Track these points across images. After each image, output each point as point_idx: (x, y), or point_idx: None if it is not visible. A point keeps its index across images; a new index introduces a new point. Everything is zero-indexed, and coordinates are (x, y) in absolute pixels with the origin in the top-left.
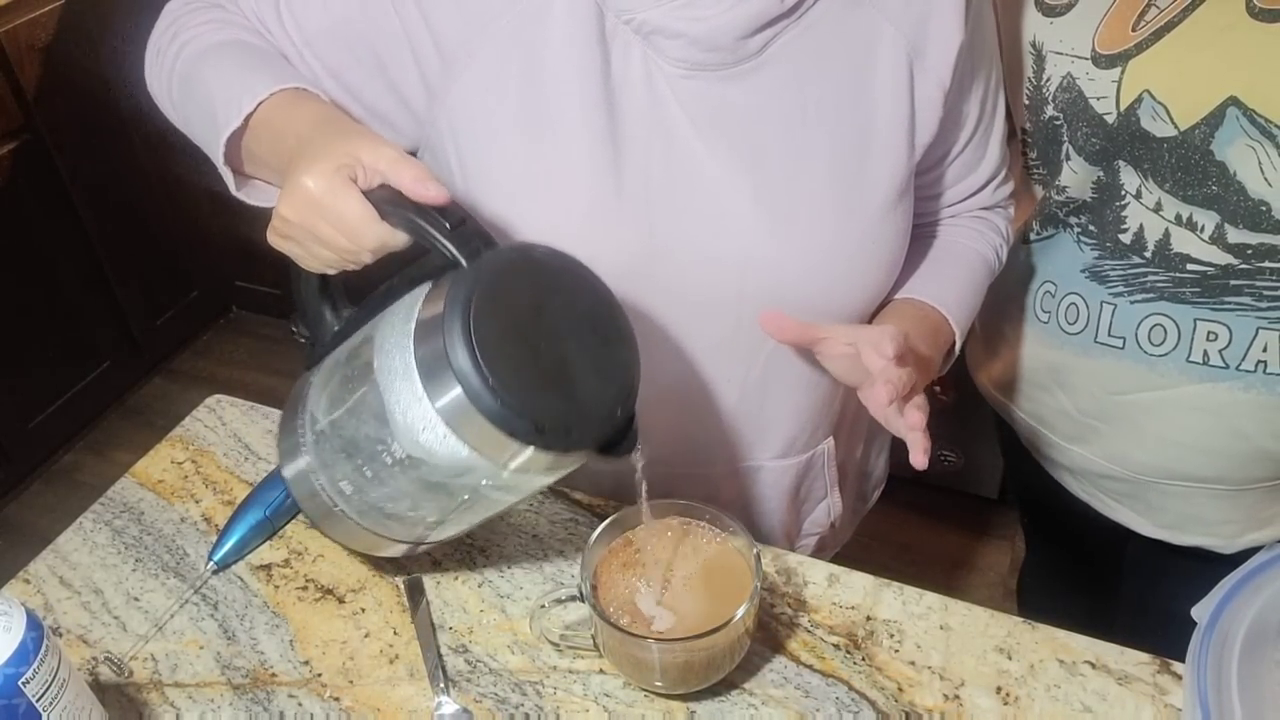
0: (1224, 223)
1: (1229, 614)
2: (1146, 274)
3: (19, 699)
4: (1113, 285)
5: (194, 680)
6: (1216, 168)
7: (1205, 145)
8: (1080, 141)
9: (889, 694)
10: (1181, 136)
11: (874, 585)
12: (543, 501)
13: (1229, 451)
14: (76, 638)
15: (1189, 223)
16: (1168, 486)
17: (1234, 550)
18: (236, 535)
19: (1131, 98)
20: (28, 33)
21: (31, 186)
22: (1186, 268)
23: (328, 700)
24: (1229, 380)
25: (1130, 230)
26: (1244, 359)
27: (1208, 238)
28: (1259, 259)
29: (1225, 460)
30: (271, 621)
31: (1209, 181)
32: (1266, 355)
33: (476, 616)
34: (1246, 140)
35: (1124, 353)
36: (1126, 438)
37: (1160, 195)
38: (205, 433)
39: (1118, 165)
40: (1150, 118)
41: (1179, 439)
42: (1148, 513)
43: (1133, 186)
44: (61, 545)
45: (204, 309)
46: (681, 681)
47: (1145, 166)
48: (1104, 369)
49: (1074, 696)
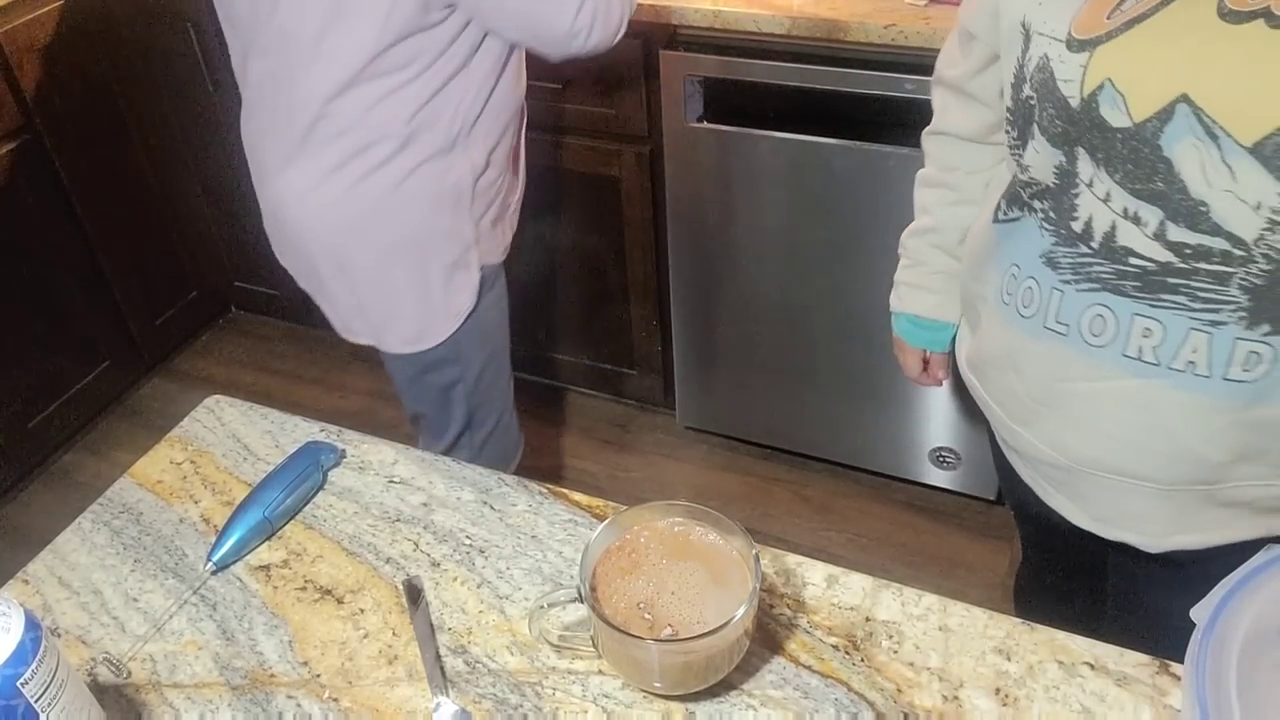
0: (1166, 220)
1: (1228, 615)
2: (1092, 264)
3: (17, 700)
4: (1063, 272)
5: (192, 681)
6: (1164, 164)
7: (1155, 140)
8: (1045, 123)
9: (888, 695)
10: (1135, 129)
11: (873, 586)
12: (542, 502)
13: (1156, 449)
14: (75, 638)
15: (1134, 217)
16: (1100, 478)
17: (1159, 550)
18: (235, 536)
19: (1094, 85)
20: (27, 33)
21: (31, 187)
22: (1129, 261)
23: (326, 701)
24: (1160, 378)
25: (1081, 219)
26: (1175, 358)
27: (1150, 234)
28: (1196, 259)
29: (1152, 457)
30: (270, 622)
31: (1155, 177)
32: (1195, 357)
33: (475, 617)
34: (1193, 139)
35: (1068, 340)
36: (1065, 425)
37: (1110, 186)
38: (204, 433)
39: (1077, 152)
40: (1109, 106)
41: (1111, 431)
42: (1080, 502)
43: (1087, 175)
44: (60, 546)
45: (203, 309)
46: (680, 683)
47: (1099, 156)
48: (1050, 355)
49: (1073, 698)
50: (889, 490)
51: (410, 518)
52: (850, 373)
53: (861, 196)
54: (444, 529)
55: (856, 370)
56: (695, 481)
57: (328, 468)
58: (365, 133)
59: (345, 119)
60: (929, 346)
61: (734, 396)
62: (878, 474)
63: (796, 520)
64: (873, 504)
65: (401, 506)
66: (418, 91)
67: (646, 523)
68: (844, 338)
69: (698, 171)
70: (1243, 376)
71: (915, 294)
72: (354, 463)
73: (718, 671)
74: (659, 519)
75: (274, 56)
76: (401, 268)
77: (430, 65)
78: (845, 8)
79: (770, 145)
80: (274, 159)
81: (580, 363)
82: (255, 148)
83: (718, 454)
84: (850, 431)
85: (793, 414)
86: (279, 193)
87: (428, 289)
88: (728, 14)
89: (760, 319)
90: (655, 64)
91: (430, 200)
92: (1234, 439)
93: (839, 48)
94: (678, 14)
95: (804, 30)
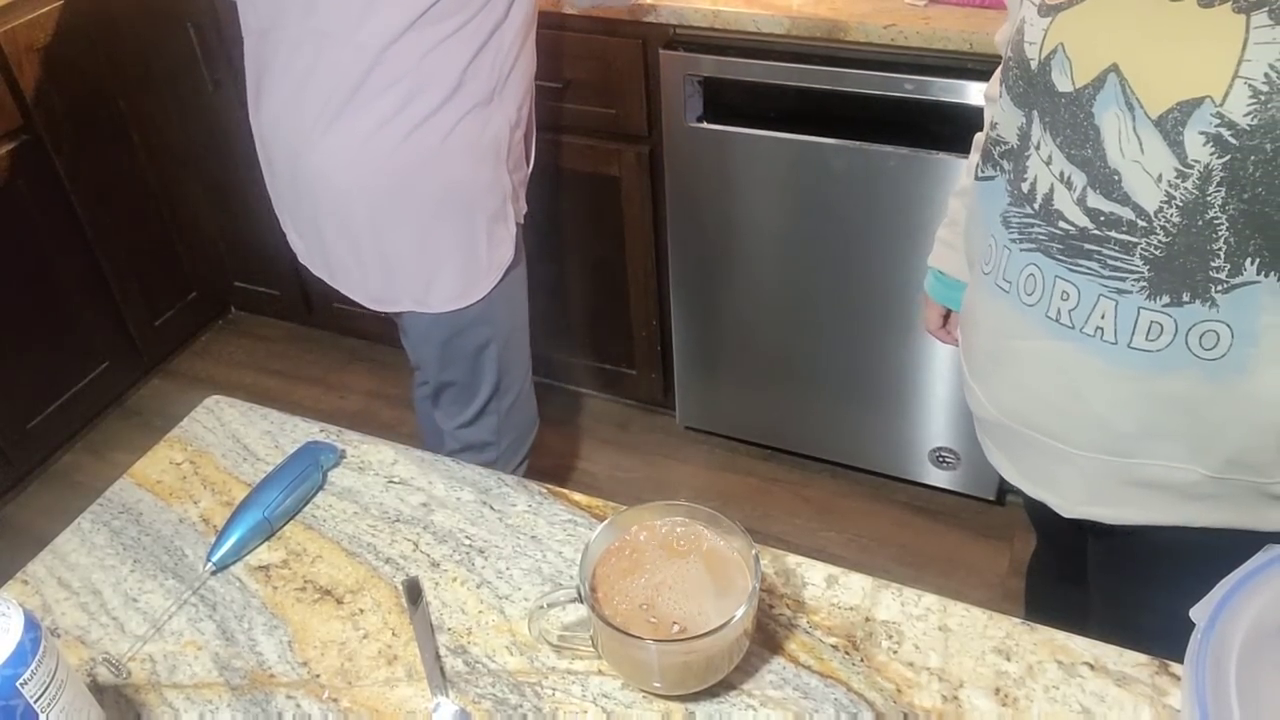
0: (1088, 186)
1: (1228, 615)
2: (1032, 225)
3: (17, 700)
4: (1012, 231)
5: (192, 681)
6: (1094, 131)
7: (1089, 106)
8: (1011, 82)
9: (887, 695)
10: (1075, 94)
11: (873, 586)
12: (541, 502)
13: (1069, 411)
14: (74, 638)
15: (1067, 181)
16: (1027, 435)
17: (1071, 516)
18: (235, 536)
19: (1050, 49)
20: (26, 34)
21: (30, 187)
22: (1059, 224)
23: (326, 701)
24: (1074, 341)
25: (1029, 180)
26: (1086, 322)
27: (1075, 198)
28: (1107, 227)
29: (1064, 419)
30: (270, 622)
31: (1086, 144)
32: (1104, 323)
33: (475, 617)
34: (1116, 108)
35: (1009, 298)
36: (1004, 383)
37: (1053, 149)
38: (204, 434)
39: (1032, 115)
40: (1058, 71)
41: (1034, 390)
42: (1012, 459)
43: (1035, 138)
44: (60, 546)
45: (202, 310)
46: (680, 683)
47: (1047, 120)
48: (997, 311)
49: (1072, 698)
50: (889, 490)
51: (410, 518)
52: (850, 373)
53: (861, 196)
54: (444, 529)
55: (857, 371)
56: (695, 481)
57: (327, 468)
58: (419, 79)
59: (401, 65)
60: (949, 304)
61: (734, 397)
62: (877, 474)
63: (796, 520)
64: (873, 504)
65: (401, 507)
66: (467, 40)
67: (646, 523)
68: (844, 338)
69: (698, 171)
70: (1146, 346)
71: (945, 251)
72: (353, 463)
73: (717, 672)
74: (659, 519)
75: (325, 12)
76: (449, 220)
77: (476, 14)
78: (845, 8)
79: (770, 145)
80: (315, 126)
81: (580, 362)
82: (281, 124)
83: (718, 454)
84: (850, 432)
85: (793, 414)
86: (320, 162)
87: (474, 242)
88: (727, 14)
89: (760, 319)
90: (655, 64)
91: (474, 151)
92: (1141, 410)
93: (838, 48)
94: (677, 14)
95: (803, 30)
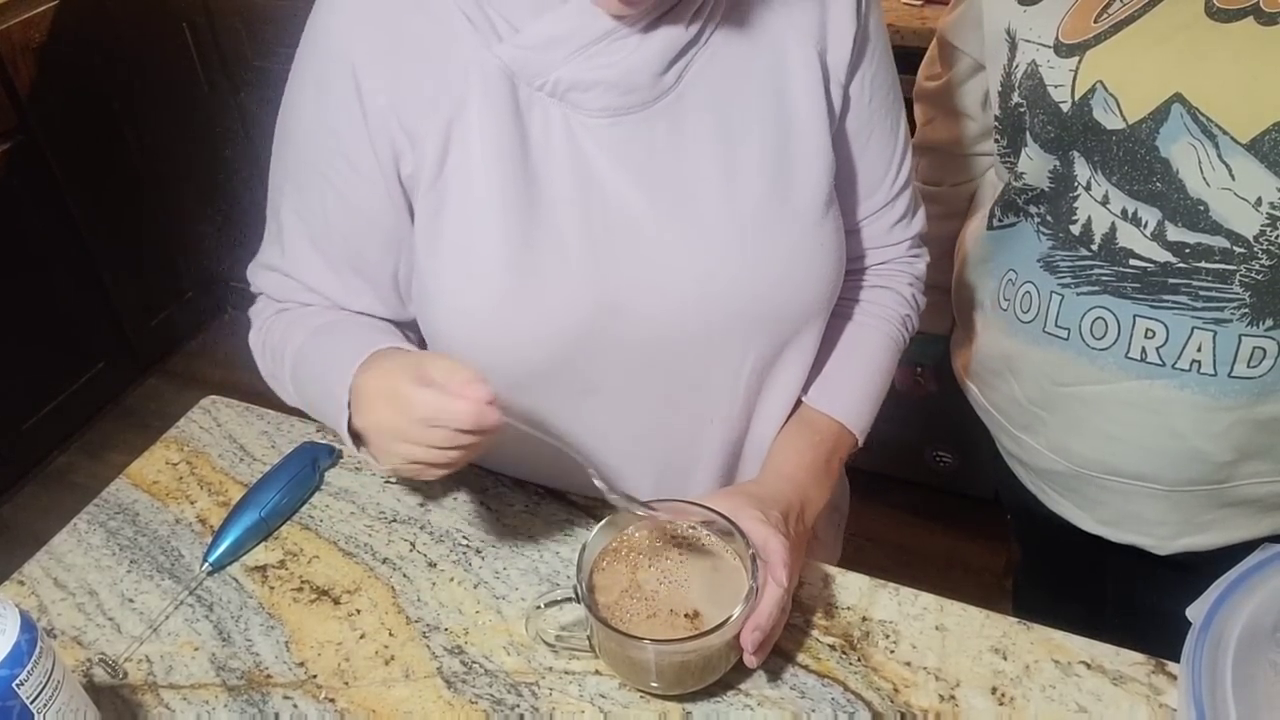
0: (1165, 220)
1: (1224, 614)
2: (1092, 267)
3: (13, 701)
4: (1062, 276)
5: (189, 682)
6: (1161, 164)
7: (1151, 140)
8: (1038, 129)
9: (884, 695)
10: (1129, 130)
11: (869, 586)
12: (539, 502)
13: (1164, 450)
14: (71, 639)
15: (1134, 218)
16: (1106, 481)
17: (1168, 552)
18: (231, 536)
19: (1085, 88)
20: (22, 33)
21: (25, 187)
22: (1129, 263)
23: (323, 702)
24: (1165, 378)
25: (1080, 222)
26: (1179, 358)
27: (1149, 234)
28: (1196, 259)
29: (1159, 458)
30: (267, 623)
31: (1153, 178)
32: (1200, 355)
33: (472, 618)
34: (1189, 138)
35: (1068, 344)
36: (1068, 430)
37: (1108, 188)
38: (200, 434)
39: (1072, 156)
40: (1102, 109)
41: (1116, 434)
42: (1087, 507)
43: (1084, 178)
44: (56, 547)
45: (198, 310)
46: (677, 683)
47: (1095, 159)
48: (1050, 359)
49: (1069, 697)
50: (884, 491)
51: (407, 518)
52: None
53: None
54: (441, 529)
55: None
56: None
57: (324, 468)
58: None
59: None
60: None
61: None
62: (875, 474)
63: None
64: (870, 504)
65: (398, 506)
66: None
67: (643, 523)
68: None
69: None
70: (1249, 373)
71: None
72: (350, 463)
73: (715, 671)
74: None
75: None
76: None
77: None
78: None
79: None
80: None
81: None
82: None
83: None
84: None
85: None
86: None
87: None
88: None
89: None
90: None
91: None
92: (1240, 436)
93: None
94: None
95: None
